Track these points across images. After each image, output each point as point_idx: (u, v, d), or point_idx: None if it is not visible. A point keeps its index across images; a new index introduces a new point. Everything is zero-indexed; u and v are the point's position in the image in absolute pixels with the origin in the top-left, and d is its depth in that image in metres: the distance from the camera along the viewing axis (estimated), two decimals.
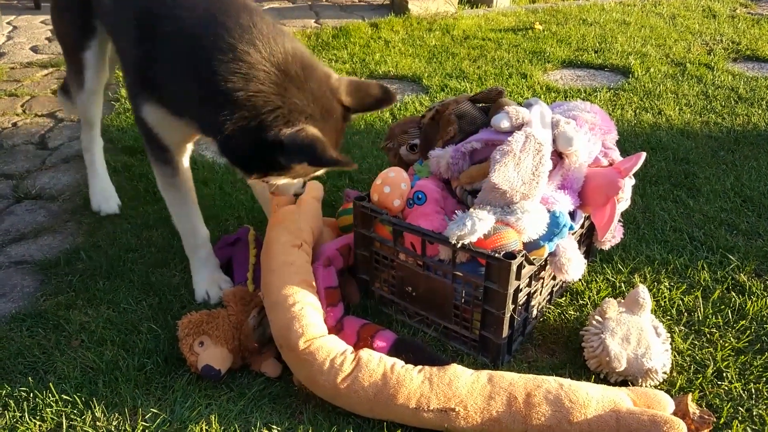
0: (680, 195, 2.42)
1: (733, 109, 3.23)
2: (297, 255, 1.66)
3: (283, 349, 1.52)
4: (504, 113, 1.68)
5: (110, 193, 2.37)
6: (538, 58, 3.94)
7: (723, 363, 1.63)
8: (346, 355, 1.46)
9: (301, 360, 1.47)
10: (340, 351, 1.47)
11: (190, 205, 1.89)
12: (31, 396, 1.51)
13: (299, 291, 1.56)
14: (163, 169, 1.80)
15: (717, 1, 5.39)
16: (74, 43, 2.14)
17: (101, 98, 2.27)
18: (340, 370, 1.43)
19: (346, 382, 1.42)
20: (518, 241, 1.54)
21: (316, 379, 1.45)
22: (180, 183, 1.84)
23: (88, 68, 2.14)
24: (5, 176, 2.67)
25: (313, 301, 1.57)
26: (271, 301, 1.57)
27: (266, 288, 1.61)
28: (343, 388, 1.42)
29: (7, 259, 2.10)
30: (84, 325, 1.75)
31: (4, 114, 3.25)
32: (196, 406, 1.49)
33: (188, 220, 1.89)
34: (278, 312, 1.53)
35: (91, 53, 2.12)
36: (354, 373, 1.42)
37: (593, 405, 1.35)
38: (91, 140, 2.36)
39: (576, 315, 1.81)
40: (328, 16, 5.00)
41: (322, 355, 1.45)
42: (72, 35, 2.14)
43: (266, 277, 1.63)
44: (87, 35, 2.08)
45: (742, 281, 1.94)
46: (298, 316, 1.50)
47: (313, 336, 1.48)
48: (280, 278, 1.59)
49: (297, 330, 1.48)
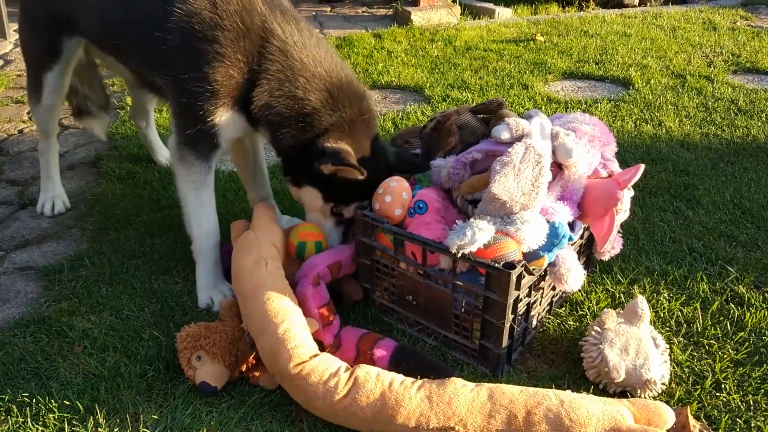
0: (680, 206, 2.44)
1: (733, 121, 3.25)
2: (267, 275, 1.61)
3: (275, 377, 1.51)
4: (504, 124, 1.70)
5: (60, 197, 2.47)
6: (539, 70, 3.97)
7: (722, 374, 1.63)
8: (340, 375, 1.44)
9: (294, 386, 1.45)
10: (333, 371, 1.45)
11: (213, 207, 1.93)
12: (34, 402, 1.52)
13: (279, 312, 1.52)
14: (201, 167, 1.85)
15: (717, 14, 5.43)
16: (37, 62, 2.22)
17: (58, 111, 2.40)
18: (335, 392, 1.41)
19: (343, 403, 1.40)
20: (518, 251, 1.55)
21: (312, 403, 1.44)
22: (212, 182, 1.90)
23: (46, 87, 2.23)
24: (11, 183, 2.69)
25: (296, 318, 1.53)
26: (254, 329, 1.54)
27: (246, 318, 1.58)
28: (341, 410, 1.41)
29: (12, 265, 2.12)
30: (87, 332, 1.76)
31: (10, 121, 3.28)
32: (197, 413, 1.50)
33: (208, 221, 1.91)
34: (264, 339, 1.50)
35: (53, 75, 2.20)
36: (351, 394, 1.41)
37: (593, 423, 1.35)
38: (48, 147, 2.44)
39: (575, 325, 1.82)
40: (332, 27, 5.05)
41: (315, 378, 1.43)
42: (36, 54, 2.22)
43: (243, 308, 1.61)
44: (52, 57, 2.16)
45: (740, 293, 1.95)
46: (283, 339, 1.46)
47: (303, 359, 1.45)
48: (256, 304, 1.55)
49: (284, 355, 1.45)
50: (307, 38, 1.79)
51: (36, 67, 2.23)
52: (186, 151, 1.83)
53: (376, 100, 3.56)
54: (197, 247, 1.92)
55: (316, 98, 1.75)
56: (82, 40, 2.15)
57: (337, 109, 1.76)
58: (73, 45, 2.15)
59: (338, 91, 1.77)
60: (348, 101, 1.78)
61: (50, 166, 2.45)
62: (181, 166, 1.85)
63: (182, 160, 1.84)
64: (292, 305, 1.56)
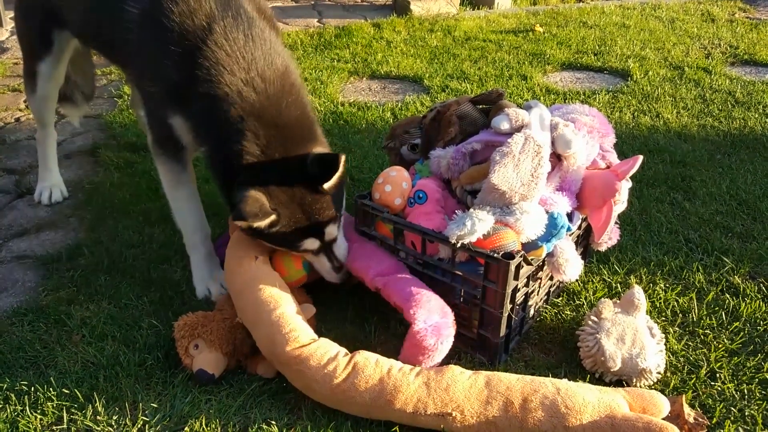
0: (676, 197, 2.45)
1: (730, 112, 3.26)
2: (257, 267, 1.62)
3: (273, 363, 1.52)
4: (504, 115, 1.70)
5: (58, 185, 2.46)
6: (538, 60, 3.97)
7: (716, 364, 1.65)
8: (339, 359, 1.45)
9: (293, 370, 1.47)
10: (332, 355, 1.46)
11: (196, 201, 1.91)
12: (32, 390, 1.53)
13: (272, 300, 1.53)
14: (173, 166, 1.82)
15: (716, 6, 5.42)
16: (32, 52, 2.21)
17: (54, 101, 2.36)
18: (334, 376, 1.42)
19: (341, 387, 1.42)
20: (517, 241, 1.56)
21: (311, 386, 1.45)
22: (188, 179, 1.87)
23: (40, 77, 2.22)
24: (8, 171, 2.68)
25: (289, 305, 1.54)
26: (249, 321, 1.56)
27: (241, 312, 1.59)
28: (339, 393, 1.42)
29: (9, 254, 2.12)
30: (85, 320, 1.76)
31: (7, 109, 3.26)
32: (196, 402, 1.50)
33: (192, 215, 1.90)
34: (259, 328, 1.52)
35: (46, 65, 2.19)
36: (350, 379, 1.42)
37: (589, 411, 1.36)
38: (45, 136, 2.44)
39: (572, 315, 1.83)
40: (331, 16, 5.02)
41: (314, 362, 1.44)
42: (31, 44, 2.20)
43: (236, 302, 1.62)
44: (44, 47, 2.14)
45: (736, 283, 1.97)
46: (278, 324, 1.47)
47: (301, 343, 1.46)
48: (249, 296, 1.56)
49: (281, 340, 1.46)
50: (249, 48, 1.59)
51: (30, 57, 2.22)
52: (159, 150, 1.82)
53: (375, 90, 3.55)
54: (188, 241, 1.92)
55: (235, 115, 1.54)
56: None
57: (257, 133, 1.54)
58: (65, 37, 2.14)
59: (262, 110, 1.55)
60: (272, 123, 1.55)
61: (48, 155, 2.44)
62: (159, 164, 1.85)
63: (158, 158, 1.84)
64: (284, 294, 1.57)
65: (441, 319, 1.53)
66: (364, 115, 3.13)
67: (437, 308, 1.54)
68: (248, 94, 1.56)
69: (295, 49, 4.09)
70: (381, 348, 1.66)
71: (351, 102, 3.31)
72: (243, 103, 1.55)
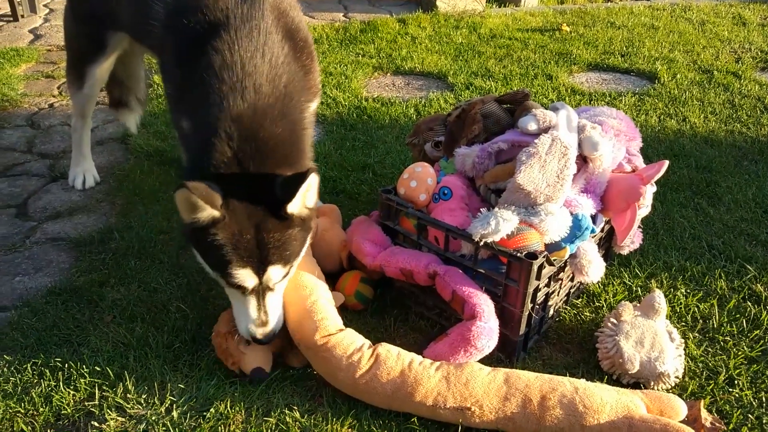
0: (701, 203, 2.43)
1: (759, 119, 3.21)
2: None
3: (300, 346, 1.57)
4: (531, 115, 1.71)
5: (91, 171, 2.54)
6: (564, 60, 3.94)
7: (735, 371, 1.65)
8: (363, 350, 1.50)
9: (319, 357, 1.51)
10: (357, 346, 1.51)
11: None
12: (66, 366, 1.59)
13: (308, 285, 1.59)
14: None
15: (747, 9, 5.32)
16: (82, 54, 2.26)
17: (96, 98, 2.46)
18: (358, 367, 1.47)
19: (364, 379, 1.46)
20: (540, 242, 1.57)
21: (335, 375, 1.50)
22: None
23: (89, 78, 2.29)
24: (42, 155, 2.76)
25: (323, 293, 1.60)
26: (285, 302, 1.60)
27: None
28: (362, 384, 1.46)
29: (44, 235, 2.19)
30: (116, 302, 1.83)
31: (41, 95, 3.35)
32: (221, 385, 1.55)
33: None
34: (292, 310, 1.57)
35: (97, 67, 2.25)
36: (372, 370, 1.46)
37: (607, 411, 1.38)
38: (82, 125, 2.51)
39: (591, 317, 1.85)
40: (357, 11, 5.04)
41: (340, 351, 1.49)
42: (82, 47, 2.26)
43: None
44: (97, 50, 2.20)
45: (758, 291, 1.96)
46: (311, 311, 1.54)
47: (330, 332, 1.52)
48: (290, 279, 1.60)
49: (311, 326, 1.52)
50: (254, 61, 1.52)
51: (81, 60, 2.28)
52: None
53: (399, 86, 3.57)
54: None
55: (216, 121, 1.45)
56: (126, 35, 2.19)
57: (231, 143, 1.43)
58: (118, 39, 2.20)
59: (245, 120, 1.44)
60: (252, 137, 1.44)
61: (83, 143, 2.52)
62: None
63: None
64: (319, 281, 1.63)
65: (495, 324, 1.56)
66: (387, 110, 3.16)
67: (494, 312, 1.57)
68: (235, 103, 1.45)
69: (321, 43, 4.12)
70: (400, 341, 1.70)
71: (375, 97, 3.33)
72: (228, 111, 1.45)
